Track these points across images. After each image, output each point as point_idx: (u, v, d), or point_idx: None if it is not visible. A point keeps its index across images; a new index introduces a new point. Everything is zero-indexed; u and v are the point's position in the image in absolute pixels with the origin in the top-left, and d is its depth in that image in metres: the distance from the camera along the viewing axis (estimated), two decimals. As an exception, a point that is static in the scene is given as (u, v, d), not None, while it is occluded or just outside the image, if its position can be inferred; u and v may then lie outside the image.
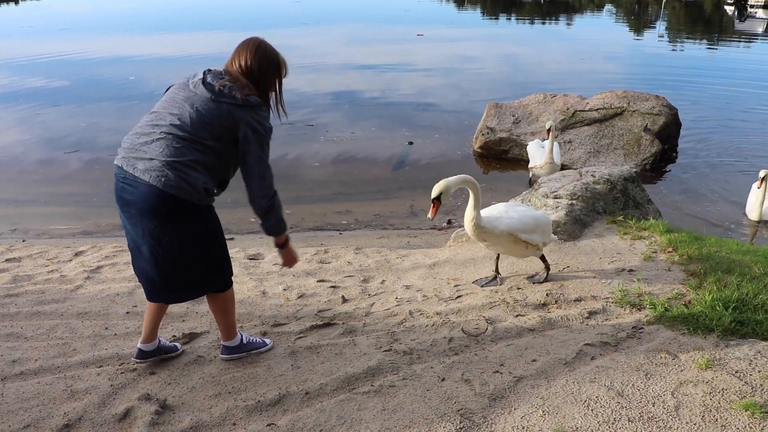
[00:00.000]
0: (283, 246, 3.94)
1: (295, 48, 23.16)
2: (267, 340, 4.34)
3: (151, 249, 3.60)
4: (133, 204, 3.52)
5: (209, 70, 3.70)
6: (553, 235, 5.33)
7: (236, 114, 3.53)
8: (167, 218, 3.51)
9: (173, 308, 4.91)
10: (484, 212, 4.90)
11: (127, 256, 6.27)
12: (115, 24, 31.21)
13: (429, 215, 4.59)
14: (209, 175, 3.56)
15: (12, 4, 42.64)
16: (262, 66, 3.72)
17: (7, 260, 6.25)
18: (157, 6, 44.97)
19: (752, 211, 8.35)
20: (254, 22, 31.88)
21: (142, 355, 4.07)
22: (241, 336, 4.22)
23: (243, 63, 3.70)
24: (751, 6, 44.18)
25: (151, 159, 3.44)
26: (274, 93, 3.89)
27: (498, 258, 5.41)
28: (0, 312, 4.94)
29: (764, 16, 39.63)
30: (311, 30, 29.00)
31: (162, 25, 30.47)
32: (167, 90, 3.79)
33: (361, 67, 19.46)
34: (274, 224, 3.82)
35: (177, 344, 4.29)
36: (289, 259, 4.03)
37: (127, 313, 4.91)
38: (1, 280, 5.66)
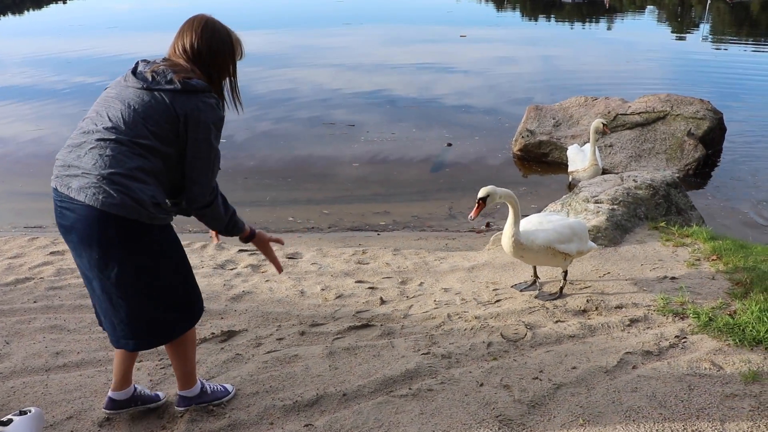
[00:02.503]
0: (249, 239, 3.46)
1: (337, 48, 23.25)
2: (229, 387, 3.74)
3: (101, 284, 2.99)
4: (73, 231, 2.90)
5: (144, 60, 3.13)
6: (591, 242, 5.17)
7: (175, 103, 2.91)
8: (113, 245, 2.88)
9: (211, 305, 4.96)
10: (520, 227, 4.78)
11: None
12: (160, 22, 31.62)
13: (471, 215, 4.55)
14: (157, 185, 2.94)
15: (60, 3, 43.47)
16: (211, 47, 3.11)
17: (51, 253, 6.35)
18: (200, 5, 45.50)
19: None
20: (296, 22, 32.03)
21: (112, 405, 3.46)
22: (202, 384, 3.59)
23: (188, 45, 3.09)
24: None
25: (86, 174, 2.83)
26: (228, 80, 3.28)
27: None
28: (44, 304, 5.03)
29: (814, 18, 38.58)
30: (353, 30, 29.04)
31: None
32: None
33: (402, 67, 19.41)
34: (226, 228, 3.33)
35: (159, 393, 3.68)
36: (266, 250, 3.58)
37: (168, 309, 4.96)
38: (45, 273, 5.76)
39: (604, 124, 8.58)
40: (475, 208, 4.51)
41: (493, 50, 23.22)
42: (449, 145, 11.32)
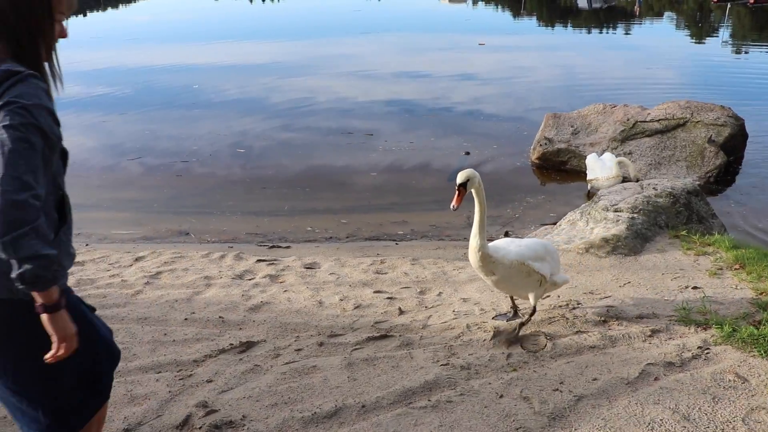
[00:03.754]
0: (52, 309, 2.16)
1: (356, 56, 23.35)
2: None
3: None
4: None
5: None
6: (564, 275, 4.78)
7: None
8: None
9: (229, 315, 4.97)
10: (489, 245, 4.35)
11: (186, 262, 6.41)
12: (178, 34, 31.95)
13: (453, 204, 4.12)
14: None
15: (81, 16, 44.00)
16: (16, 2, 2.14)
17: (71, 264, 6.38)
18: (218, 16, 45.91)
19: None
20: (315, 31, 32.23)
21: None
22: None
23: None
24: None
25: None
26: (45, 48, 2.25)
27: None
28: (64, 315, 5.04)
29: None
30: (372, 38, 29.19)
31: (223, 35, 31.03)
32: None
33: (420, 75, 19.46)
34: (29, 270, 2.00)
35: None
36: (60, 334, 2.20)
37: (186, 319, 4.98)
38: (66, 284, 5.77)
39: (636, 178, 8.57)
40: (456, 196, 4.10)
41: (511, 58, 23.20)
42: (467, 153, 11.29)
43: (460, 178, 4.12)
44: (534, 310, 4.53)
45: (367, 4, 54.42)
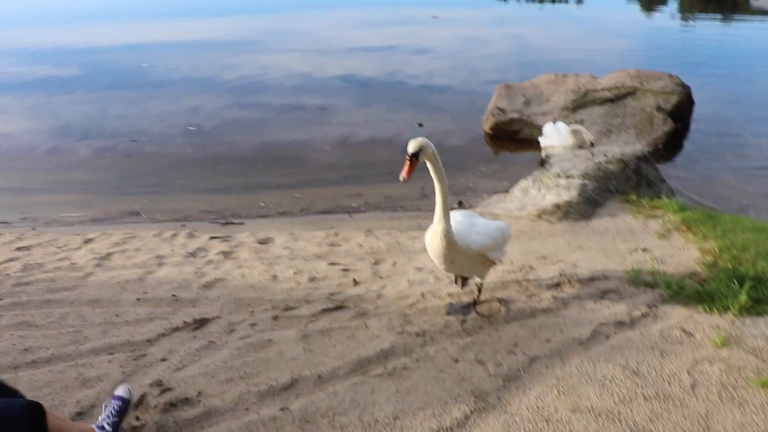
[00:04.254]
0: None
1: (307, 32, 23.04)
2: None
3: None
4: None
5: None
6: (507, 248, 4.54)
7: None
8: None
9: (183, 293, 4.91)
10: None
11: (137, 243, 6.31)
12: (125, 10, 31.09)
13: (403, 175, 3.73)
14: None
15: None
16: None
17: (17, 249, 6.25)
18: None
19: None
20: (266, 6, 31.72)
21: None
22: None
23: None
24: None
25: None
26: None
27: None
28: (11, 301, 4.93)
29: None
30: (324, 13, 28.85)
31: (173, 12, 30.36)
32: None
33: (373, 49, 19.31)
34: None
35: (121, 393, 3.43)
36: None
37: (138, 299, 4.89)
38: (12, 269, 5.65)
39: (591, 143, 8.49)
40: (406, 166, 3.72)
41: (465, 30, 23.19)
42: (420, 125, 11.28)
43: (411, 147, 3.73)
44: (482, 285, 4.51)
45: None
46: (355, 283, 5.06)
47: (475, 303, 4.49)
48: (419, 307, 4.54)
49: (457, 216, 4.25)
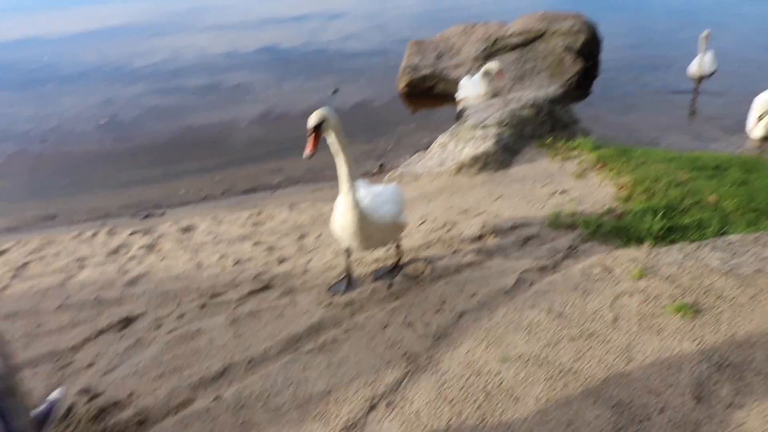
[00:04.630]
0: None
1: (217, 7, 22.50)
2: None
3: None
4: None
5: None
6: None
7: None
8: None
9: (107, 294, 4.79)
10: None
11: (56, 247, 6.10)
12: (15, 3, 29.66)
13: (307, 151, 3.54)
14: None
15: None
16: None
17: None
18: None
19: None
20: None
21: None
22: None
23: None
24: None
25: None
26: None
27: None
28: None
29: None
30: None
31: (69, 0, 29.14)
32: None
33: (286, 20, 18.99)
34: None
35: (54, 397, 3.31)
36: None
37: (60, 306, 4.73)
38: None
39: (500, 70, 8.34)
40: (310, 141, 3.56)
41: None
42: (335, 92, 11.18)
43: (312, 119, 3.58)
44: (401, 250, 4.47)
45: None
46: (281, 260, 5.02)
47: (399, 265, 4.47)
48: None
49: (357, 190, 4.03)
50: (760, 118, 7.81)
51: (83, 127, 11.02)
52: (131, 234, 6.20)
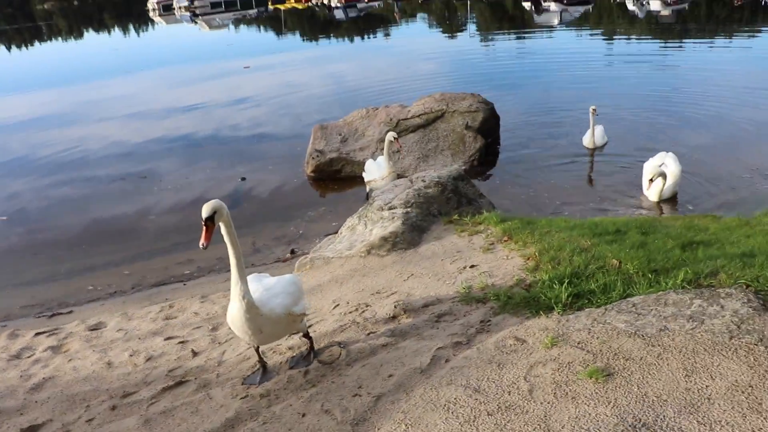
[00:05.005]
0: None
1: (123, 97, 22.33)
2: None
3: None
4: None
5: None
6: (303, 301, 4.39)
7: None
8: None
9: (6, 403, 4.53)
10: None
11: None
12: None
13: (202, 242, 3.62)
14: None
15: None
16: None
17: None
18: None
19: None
20: (73, 77, 30.38)
21: None
22: None
23: None
24: (545, 1, 47.29)
25: None
26: None
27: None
28: None
29: (557, 8, 42.54)
30: (135, 77, 28.08)
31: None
32: None
33: (191, 108, 19.02)
34: None
35: None
36: None
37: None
38: None
39: (395, 138, 8.75)
40: (203, 232, 3.63)
41: (279, 76, 23.41)
42: (243, 179, 11.20)
43: (205, 210, 3.64)
44: (308, 332, 4.43)
45: (126, 41, 52.41)
46: (194, 354, 4.90)
47: (313, 350, 4.43)
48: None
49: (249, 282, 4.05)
50: (651, 181, 8.36)
51: (-19, 226, 10.59)
52: (35, 335, 5.94)
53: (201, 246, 3.62)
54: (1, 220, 10.69)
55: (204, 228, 3.64)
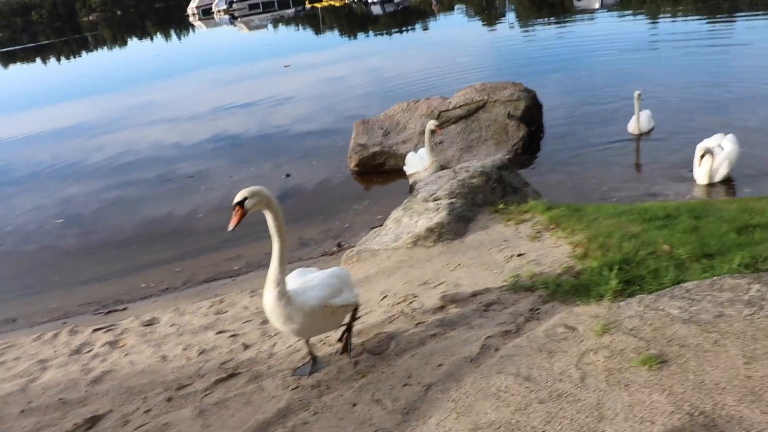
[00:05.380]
0: None
1: (168, 101, 22.77)
2: None
3: None
4: None
5: None
6: (356, 289, 4.41)
7: None
8: None
9: (71, 395, 4.66)
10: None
11: (16, 351, 5.95)
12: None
13: (230, 226, 3.64)
14: None
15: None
16: None
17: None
18: (8, 84, 43.22)
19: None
20: (120, 83, 31.03)
21: None
22: None
23: None
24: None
25: None
26: None
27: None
28: None
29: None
30: (178, 81, 28.59)
31: (22, 103, 29.19)
32: None
33: (233, 108, 19.30)
34: None
35: None
36: None
37: (22, 411, 4.62)
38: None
39: (437, 126, 8.78)
40: (234, 217, 3.64)
41: (319, 73, 23.54)
42: (288, 176, 11.30)
43: (239, 196, 3.64)
44: (350, 327, 4.44)
45: (168, 46, 53.26)
46: (246, 347, 4.96)
47: (348, 342, 4.42)
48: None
49: (290, 276, 4.08)
50: (702, 158, 8.14)
51: (40, 227, 11.00)
52: (93, 331, 6.11)
53: (228, 230, 3.65)
54: (57, 222, 11.01)
55: (234, 210, 3.65)
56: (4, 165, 16.45)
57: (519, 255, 5.49)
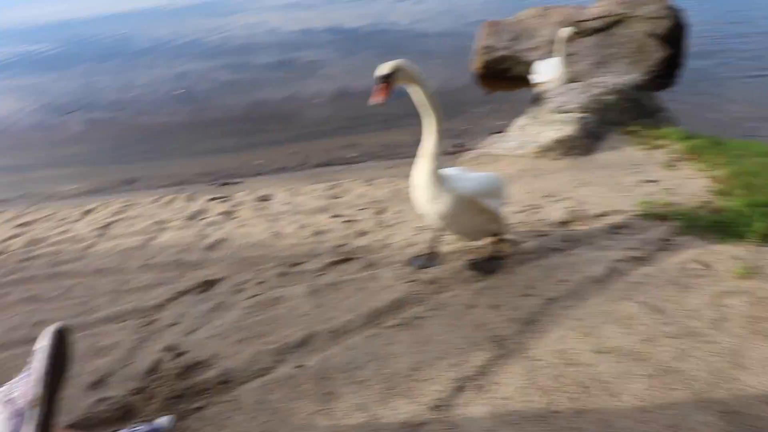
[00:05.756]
0: None
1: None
2: None
3: None
4: None
5: None
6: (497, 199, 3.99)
7: None
8: None
9: (187, 257, 4.79)
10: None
11: (136, 210, 6.20)
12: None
13: (375, 100, 3.31)
14: None
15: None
16: None
17: (18, 225, 6.20)
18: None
19: None
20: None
21: None
22: None
23: None
24: None
25: None
26: None
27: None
28: (17, 276, 4.86)
29: None
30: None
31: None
32: None
33: (351, 0, 18.96)
34: None
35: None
36: None
37: (143, 266, 4.79)
38: (15, 245, 5.59)
39: (575, 33, 8.26)
40: (380, 92, 3.31)
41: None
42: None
43: (385, 68, 3.30)
44: (504, 239, 4.19)
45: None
46: (360, 234, 4.94)
47: (495, 258, 4.14)
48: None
49: (445, 172, 3.75)
50: None
51: (159, 98, 11.32)
52: (209, 200, 6.25)
53: (372, 102, 3.29)
54: (179, 92, 11.25)
55: (383, 84, 3.32)
56: (125, 38, 16.83)
57: (651, 181, 5.22)
